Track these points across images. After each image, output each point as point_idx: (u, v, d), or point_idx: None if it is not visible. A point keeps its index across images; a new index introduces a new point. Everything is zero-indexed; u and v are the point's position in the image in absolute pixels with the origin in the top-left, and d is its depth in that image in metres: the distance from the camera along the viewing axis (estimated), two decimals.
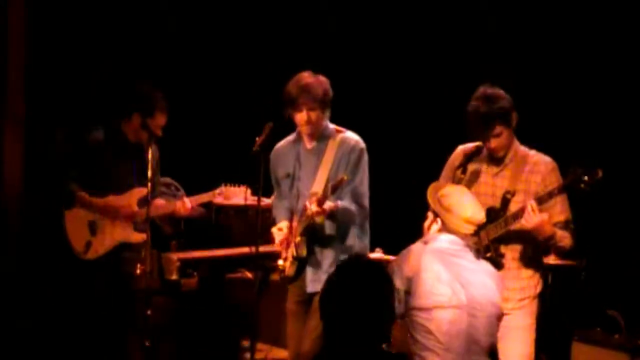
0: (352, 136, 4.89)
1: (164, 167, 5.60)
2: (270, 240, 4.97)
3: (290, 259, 4.84)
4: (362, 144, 4.87)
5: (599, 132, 6.06)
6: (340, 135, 4.87)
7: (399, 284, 3.92)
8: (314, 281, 4.77)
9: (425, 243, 4.10)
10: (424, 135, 6.64)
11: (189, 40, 7.15)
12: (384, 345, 3.63)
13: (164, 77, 6.42)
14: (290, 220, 4.91)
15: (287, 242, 4.85)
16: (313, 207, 4.61)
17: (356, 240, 4.86)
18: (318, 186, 4.78)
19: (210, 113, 7.23)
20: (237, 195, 5.39)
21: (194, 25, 7.15)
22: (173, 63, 7.02)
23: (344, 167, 4.79)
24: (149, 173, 5.28)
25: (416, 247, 4.10)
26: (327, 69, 6.22)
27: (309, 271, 4.81)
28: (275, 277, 5.18)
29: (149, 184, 5.20)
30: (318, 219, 4.67)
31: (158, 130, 5.39)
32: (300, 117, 4.78)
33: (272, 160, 4.99)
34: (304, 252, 4.78)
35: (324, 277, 4.61)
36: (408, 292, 3.95)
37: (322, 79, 4.84)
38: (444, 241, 4.08)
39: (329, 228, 4.77)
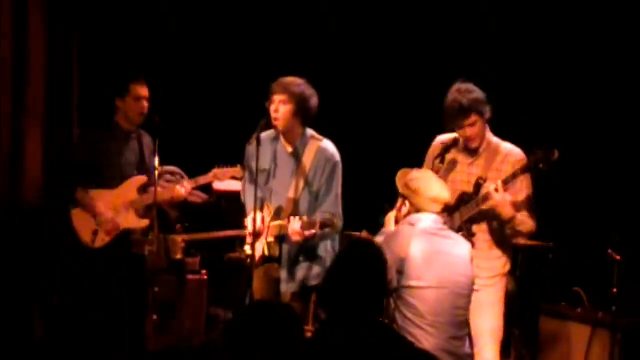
0: (329, 147, 4.93)
1: (167, 155, 5.65)
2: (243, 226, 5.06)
3: (260, 253, 4.91)
4: (338, 157, 4.93)
5: (596, 126, 6.16)
6: (318, 144, 4.92)
7: (391, 263, 4.03)
8: (287, 282, 4.93)
9: (411, 224, 4.26)
10: (419, 129, 6.26)
11: (188, 35, 7.10)
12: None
13: (163, 73, 6.51)
14: (261, 209, 4.94)
15: (258, 233, 4.89)
16: (296, 227, 4.69)
17: (327, 250, 4.95)
18: (293, 192, 4.89)
19: (205, 104, 7.20)
20: (230, 174, 5.52)
21: (192, 19, 7.09)
22: (173, 60, 7.02)
23: (319, 176, 4.88)
24: (147, 161, 5.54)
25: (405, 229, 4.27)
26: (326, 68, 6.08)
27: (283, 272, 4.93)
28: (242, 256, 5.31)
29: (153, 172, 5.38)
30: (294, 238, 4.76)
31: (143, 102, 5.49)
32: (271, 108, 4.81)
33: (249, 151, 5.04)
34: (276, 252, 4.91)
35: (296, 277, 4.90)
36: (400, 272, 4.14)
37: (308, 86, 4.86)
38: (428, 220, 4.26)
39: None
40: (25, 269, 6.00)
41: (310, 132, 4.98)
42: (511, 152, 4.71)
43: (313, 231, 4.72)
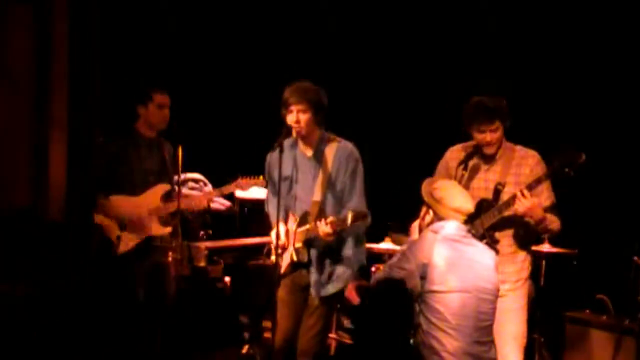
0: (348, 145, 4.94)
1: (189, 163, 5.64)
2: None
3: (288, 260, 4.91)
4: (357, 154, 4.93)
5: (596, 128, 6.14)
6: (336, 144, 4.93)
7: (414, 268, 4.18)
8: (316, 286, 4.89)
9: (434, 232, 4.29)
10: (427, 131, 6.67)
11: (197, 43, 7.18)
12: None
13: (182, 80, 6.62)
14: (286, 220, 4.95)
15: (283, 244, 4.92)
16: (326, 229, 4.67)
17: (353, 249, 4.91)
18: (317, 195, 4.88)
19: (225, 113, 7.29)
20: (253, 185, 5.55)
21: (198, 27, 7.18)
22: (194, 69, 7.11)
23: (342, 175, 4.88)
24: (169, 168, 5.54)
25: (428, 236, 4.30)
26: (327, 68, 6.03)
27: (312, 277, 4.90)
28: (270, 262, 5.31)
29: (177, 179, 5.36)
30: (325, 239, 4.75)
31: (166, 110, 5.52)
32: (290, 117, 4.83)
33: (269, 161, 5.06)
34: (305, 258, 4.89)
35: (325, 281, 4.87)
36: (423, 277, 4.20)
37: (317, 88, 4.88)
38: (451, 228, 4.29)
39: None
40: (48, 278, 6.03)
41: (326, 134, 5.00)
42: (527, 154, 4.72)
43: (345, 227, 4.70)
